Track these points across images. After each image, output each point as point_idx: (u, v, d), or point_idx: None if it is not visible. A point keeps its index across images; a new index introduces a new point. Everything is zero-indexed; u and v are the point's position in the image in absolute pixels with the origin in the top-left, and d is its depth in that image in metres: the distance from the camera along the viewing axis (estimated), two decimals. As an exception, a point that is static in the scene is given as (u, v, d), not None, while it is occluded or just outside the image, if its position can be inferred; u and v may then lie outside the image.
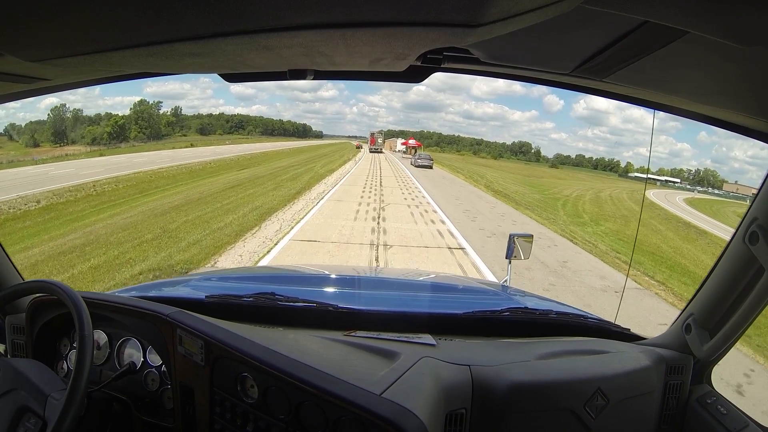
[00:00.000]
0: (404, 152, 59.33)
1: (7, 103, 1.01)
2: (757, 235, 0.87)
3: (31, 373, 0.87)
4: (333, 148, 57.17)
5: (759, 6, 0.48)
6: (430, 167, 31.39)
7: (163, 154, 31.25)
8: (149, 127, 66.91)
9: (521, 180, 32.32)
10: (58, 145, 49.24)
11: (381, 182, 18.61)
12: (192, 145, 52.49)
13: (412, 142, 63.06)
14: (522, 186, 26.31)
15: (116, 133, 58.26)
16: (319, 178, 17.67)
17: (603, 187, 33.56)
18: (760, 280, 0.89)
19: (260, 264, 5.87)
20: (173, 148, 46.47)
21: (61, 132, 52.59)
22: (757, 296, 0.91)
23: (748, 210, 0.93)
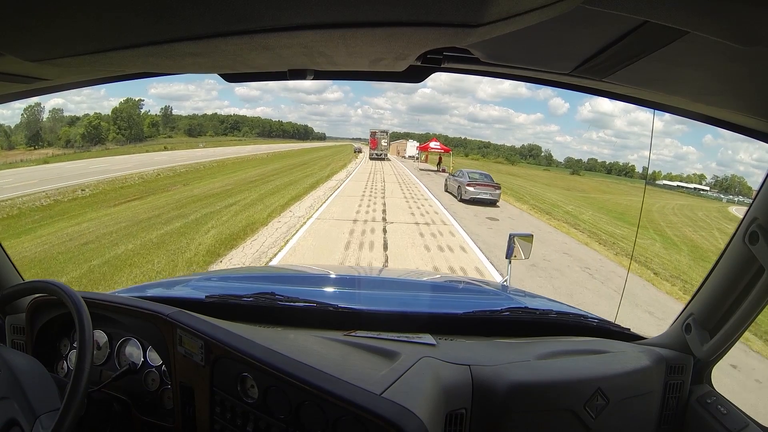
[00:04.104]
0: (416, 158, 39.38)
1: (13, 102, 1.01)
2: (757, 235, 0.87)
3: (27, 383, 0.83)
4: (326, 152, 49.80)
5: (759, 6, 0.48)
6: (496, 203, 13.70)
7: (77, 165, 25.51)
8: (129, 127, 63.98)
9: (582, 200, 21.05)
10: (33, 147, 47.39)
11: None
12: (166, 148, 50.47)
13: (434, 144, 34.64)
14: (626, 228, 13.69)
15: (90, 135, 55.86)
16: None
17: (684, 205, 25.58)
18: (760, 280, 0.89)
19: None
20: (147, 151, 44.37)
21: (34, 133, 50.57)
22: (757, 296, 0.91)
23: (748, 210, 0.93)
